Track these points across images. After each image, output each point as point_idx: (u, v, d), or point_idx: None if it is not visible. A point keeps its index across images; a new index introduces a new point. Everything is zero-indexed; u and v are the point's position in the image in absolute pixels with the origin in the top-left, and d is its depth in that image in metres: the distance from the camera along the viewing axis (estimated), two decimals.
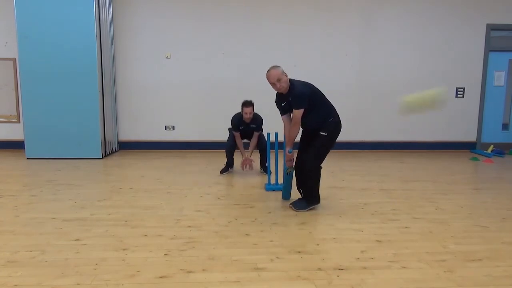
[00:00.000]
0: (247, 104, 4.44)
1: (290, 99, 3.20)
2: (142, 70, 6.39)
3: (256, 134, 4.66)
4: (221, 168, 4.86)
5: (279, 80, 3.14)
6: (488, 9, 6.54)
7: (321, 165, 3.32)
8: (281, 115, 3.40)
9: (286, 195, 3.66)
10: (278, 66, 3.22)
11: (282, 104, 3.31)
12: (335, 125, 3.28)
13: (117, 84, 6.40)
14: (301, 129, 3.37)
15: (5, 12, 6.02)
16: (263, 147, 4.72)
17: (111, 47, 6.16)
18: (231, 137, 4.77)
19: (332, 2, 6.39)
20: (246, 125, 4.59)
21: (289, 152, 3.35)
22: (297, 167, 3.44)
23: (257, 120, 4.60)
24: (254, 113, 4.54)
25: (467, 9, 6.54)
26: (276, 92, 3.35)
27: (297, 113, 3.17)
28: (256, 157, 4.89)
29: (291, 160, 3.41)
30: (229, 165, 4.85)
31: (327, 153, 3.31)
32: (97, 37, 5.55)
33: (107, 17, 5.95)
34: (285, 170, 3.50)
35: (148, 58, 6.37)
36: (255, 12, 6.34)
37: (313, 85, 3.30)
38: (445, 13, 6.53)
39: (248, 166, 4.64)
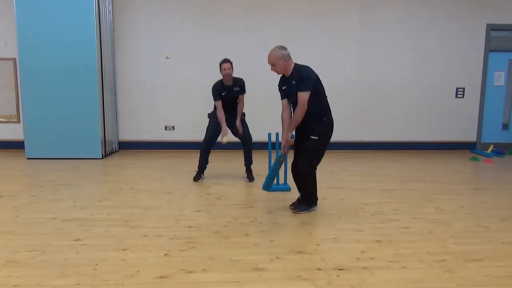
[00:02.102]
0: (225, 60, 4.21)
1: (293, 82, 3.09)
2: (142, 70, 6.39)
3: (241, 97, 4.37)
4: (194, 175, 4.47)
5: (273, 64, 3.10)
6: (488, 9, 6.54)
7: (318, 166, 3.24)
8: (281, 99, 3.27)
9: (268, 185, 3.48)
10: (281, 48, 3.10)
11: (283, 88, 3.20)
12: (327, 126, 3.17)
13: (117, 84, 6.40)
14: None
15: (5, 12, 6.02)
16: (248, 141, 4.41)
17: (111, 47, 6.15)
18: (213, 126, 4.36)
19: (332, 3, 6.40)
20: (229, 90, 4.28)
21: (291, 138, 3.20)
22: (292, 169, 3.31)
23: (239, 82, 4.32)
24: (234, 77, 4.28)
25: (467, 9, 6.54)
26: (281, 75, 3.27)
27: (304, 95, 3.02)
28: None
29: (289, 147, 3.25)
30: (202, 170, 4.46)
31: (322, 155, 3.24)
32: (97, 37, 5.55)
33: (107, 17, 5.95)
34: (277, 156, 3.33)
35: (148, 58, 6.37)
36: (255, 13, 6.34)
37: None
38: (445, 13, 6.53)
39: (224, 138, 4.22)
